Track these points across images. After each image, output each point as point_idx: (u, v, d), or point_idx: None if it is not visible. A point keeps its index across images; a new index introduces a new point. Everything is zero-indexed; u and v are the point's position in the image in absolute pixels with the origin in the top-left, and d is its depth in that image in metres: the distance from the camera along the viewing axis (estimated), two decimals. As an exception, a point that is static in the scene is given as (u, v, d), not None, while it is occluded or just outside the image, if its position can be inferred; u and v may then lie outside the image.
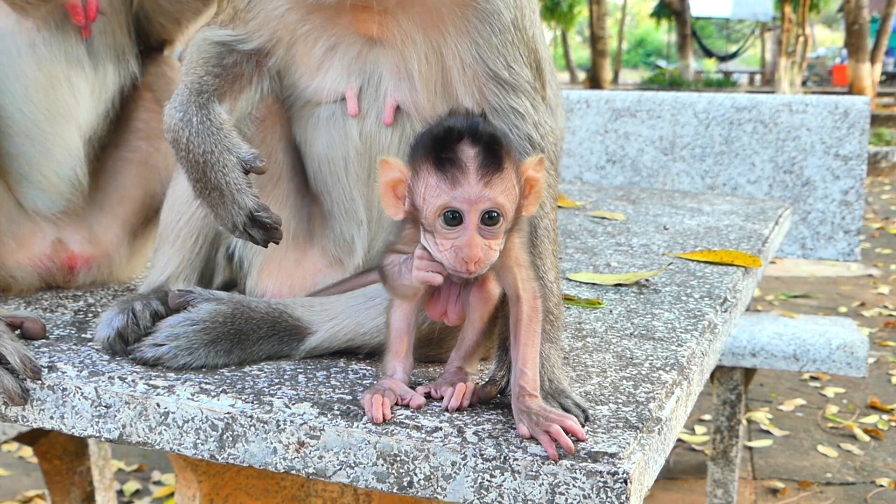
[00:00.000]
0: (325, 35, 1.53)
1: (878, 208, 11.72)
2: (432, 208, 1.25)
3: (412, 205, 1.28)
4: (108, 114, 1.91)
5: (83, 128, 1.86)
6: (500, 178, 1.25)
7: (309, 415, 1.28)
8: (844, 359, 3.46)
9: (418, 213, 1.28)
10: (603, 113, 4.35)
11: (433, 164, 1.25)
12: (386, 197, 1.30)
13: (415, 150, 1.29)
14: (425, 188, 1.26)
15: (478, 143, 1.25)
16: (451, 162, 1.24)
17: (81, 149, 1.86)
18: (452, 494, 1.21)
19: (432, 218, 1.25)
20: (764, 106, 4.17)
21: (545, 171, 1.36)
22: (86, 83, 1.84)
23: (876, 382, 5.50)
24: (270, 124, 1.63)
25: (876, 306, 7.13)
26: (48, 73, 1.80)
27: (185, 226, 1.61)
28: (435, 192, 1.25)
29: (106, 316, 1.50)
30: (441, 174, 1.25)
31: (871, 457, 4.49)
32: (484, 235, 1.25)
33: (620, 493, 1.14)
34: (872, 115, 17.22)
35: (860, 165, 4.02)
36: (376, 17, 1.49)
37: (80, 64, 1.83)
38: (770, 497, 4.09)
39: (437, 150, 1.25)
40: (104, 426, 1.37)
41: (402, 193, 1.29)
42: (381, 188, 1.29)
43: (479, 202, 1.24)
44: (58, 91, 1.81)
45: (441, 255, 1.26)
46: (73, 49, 1.82)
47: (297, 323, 1.48)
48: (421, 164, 1.27)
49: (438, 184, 1.25)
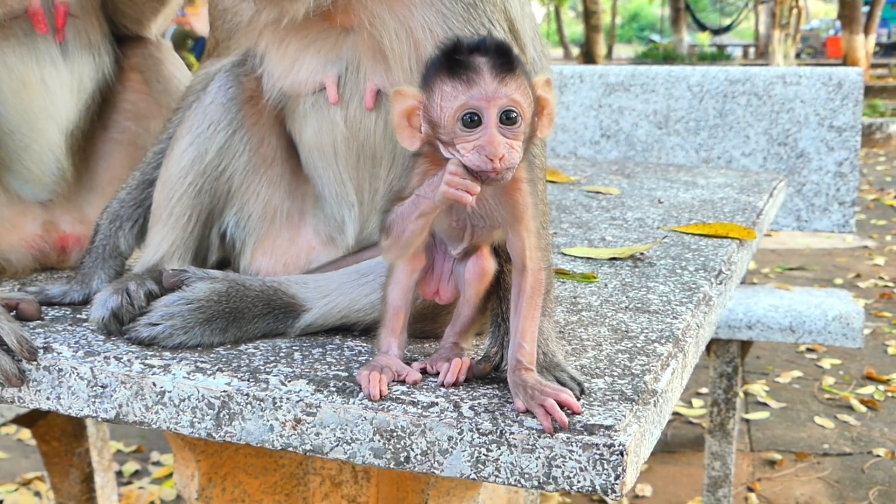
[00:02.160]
0: (298, 36, 1.55)
1: (872, 179, 11.72)
2: (450, 113, 1.23)
3: (429, 126, 1.26)
4: (88, 107, 1.90)
5: (62, 124, 1.86)
6: (513, 77, 1.24)
7: (305, 392, 1.28)
8: (840, 330, 3.47)
9: (437, 130, 1.25)
10: (597, 88, 4.34)
11: (446, 73, 1.24)
12: (401, 128, 1.28)
13: (427, 71, 1.28)
14: (441, 97, 1.24)
15: (488, 51, 1.25)
16: (463, 65, 1.24)
17: (63, 143, 1.86)
18: (449, 469, 1.21)
19: (451, 124, 1.24)
20: (758, 78, 4.16)
21: (532, 144, 1.36)
22: (61, 84, 1.84)
23: (872, 353, 5.52)
24: (263, 108, 1.64)
25: (871, 277, 7.15)
26: (20, 77, 1.79)
27: (178, 204, 1.60)
28: (451, 96, 1.24)
29: (100, 296, 1.50)
30: (455, 78, 1.24)
31: (867, 427, 4.52)
32: (505, 135, 1.23)
33: (617, 465, 1.15)
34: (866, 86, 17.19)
35: (854, 137, 4.01)
36: (343, 6, 1.48)
37: (54, 65, 1.82)
38: (768, 469, 4.11)
39: (449, 59, 1.24)
40: (100, 406, 1.37)
41: (417, 122, 1.27)
42: (395, 119, 1.27)
43: (496, 99, 1.23)
44: (32, 93, 1.81)
45: (466, 158, 1.23)
46: (44, 52, 1.81)
47: (291, 300, 1.48)
48: (434, 78, 1.25)
49: (453, 87, 1.24)
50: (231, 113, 1.62)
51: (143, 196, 1.69)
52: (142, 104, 1.95)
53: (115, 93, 1.95)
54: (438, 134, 1.25)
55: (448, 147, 1.25)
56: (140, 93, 1.95)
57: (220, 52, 1.67)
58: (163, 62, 1.98)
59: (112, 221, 1.69)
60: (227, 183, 1.63)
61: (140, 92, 1.95)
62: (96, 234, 1.70)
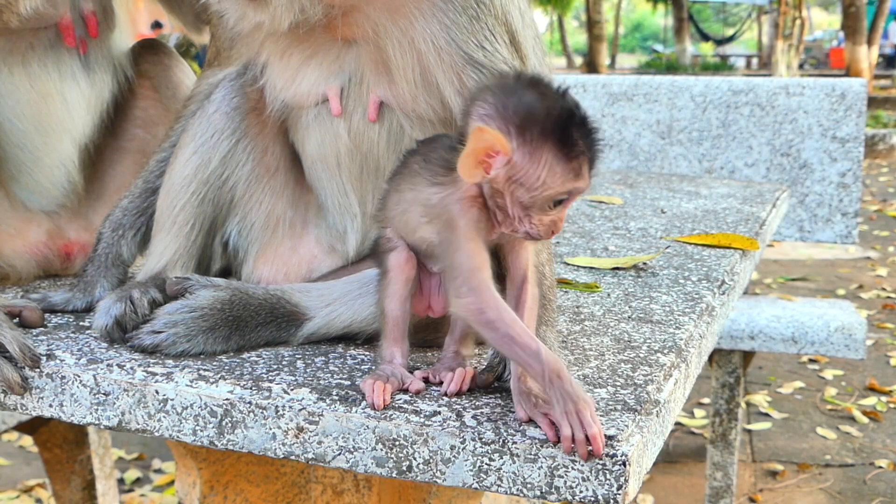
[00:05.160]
0: (300, 48, 1.55)
1: (875, 190, 11.72)
2: (550, 192, 1.24)
3: (511, 182, 1.24)
4: (103, 120, 1.90)
5: (77, 138, 1.86)
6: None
7: (307, 400, 1.28)
8: (842, 341, 3.47)
9: (520, 191, 1.24)
10: (600, 97, 4.34)
11: (559, 152, 1.23)
12: (470, 163, 1.24)
13: (526, 127, 1.23)
14: (548, 173, 1.23)
15: (587, 129, 1.25)
16: (575, 153, 1.23)
17: (76, 157, 1.86)
18: (452, 478, 1.21)
19: (544, 200, 1.24)
20: (761, 89, 4.16)
21: None
22: (81, 96, 1.84)
23: (874, 364, 5.51)
24: (267, 118, 1.64)
25: (874, 288, 7.14)
26: (41, 89, 1.79)
27: (181, 213, 1.61)
28: (560, 180, 1.24)
29: (104, 304, 1.50)
30: (567, 164, 1.23)
31: (869, 438, 4.51)
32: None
33: (619, 475, 1.15)
34: (869, 97, 17.19)
35: (857, 147, 4.01)
36: (345, 17, 1.48)
37: (74, 78, 1.82)
38: (769, 479, 4.10)
39: (560, 137, 1.23)
40: (103, 413, 1.37)
41: (490, 166, 1.24)
42: (469, 152, 1.23)
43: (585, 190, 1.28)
44: (50, 106, 1.81)
45: (532, 227, 1.26)
46: (67, 64, 1.81)
47: (294, 309, 1.48)
48: (542, 149, 1.23)
49: (564, 174, 1.24)
50: (235, 122, 1.62)
51: (145, 204, 1.69)
52: (151, 111, 1.95)
53: (124, 100, 1.95)
54: (518, 195, 1.25)
55: (520, 208, 1.25)
56: (149, 99, 1.96)
57: (221, 62, 1.68)
58: (171, 68, 1.98)
59: (115, 230, 1.70)
60: (231, 192, 1.63)
61: (149, 99, 1.96)
62: (99, 243, 1.70)
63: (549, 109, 1.23)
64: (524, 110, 1.23)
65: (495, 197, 1.26)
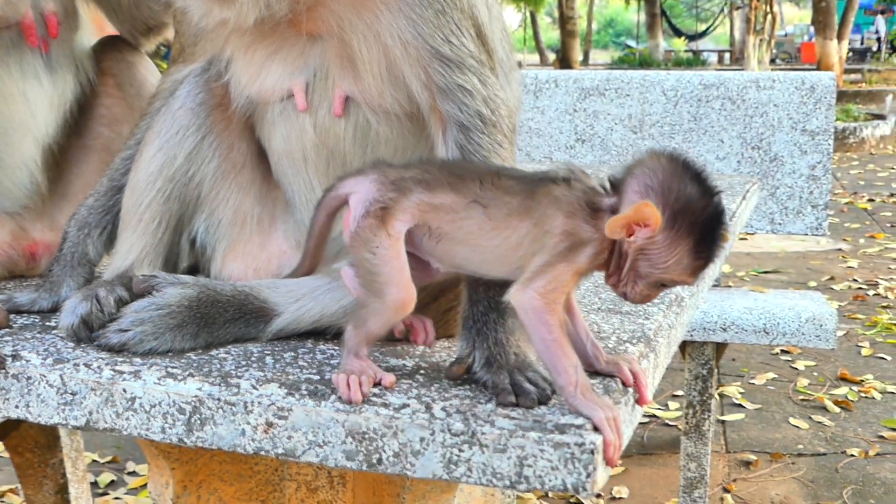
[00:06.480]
0: (265, 43, 1.54)
1: (846, 183, 11.83)
2: (666, 277, 1.29)
3: (643, 252, 1.27)
4: (66, 120, 1.88)
5: (40, 139, 1.84)
6: None
7: (276, 395, 1.28)
8: (814, 331, 3.50)
9: (644, 261, 1.28)
10: (571, 92, 4.35)
11: (693, 249, 1.27)
12: (620, 222, 1.25)
13: (680, 217, 1.26)
14: (675, 262, 1.27)
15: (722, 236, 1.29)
16: (705, 255, 1.28)
17: (38, 157, 1.84)
18: (422, 470, 1.21)
19: (657, 279, 1.29)
20: (731, 83, 4.19)
21: (500, 145, 1.37)
22: (44, 96, 1.82)
23: (846, 355, 5.57)
24: (232, 114, 1.63)
25: (845, 280, 7.21)
26: (2, 89, 1.77)
27: (147, 210, 1.59)
28: (681, 271, 1.28)
29: (70, 303, 1.49)
30: (693, 262, 1.28)
31: (841, 427, 4.55)
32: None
33: (588, 463, 1.15)
34: (840, 91, 17.33)
35: (827, 140, 4.05)
36: (309, 12, 1.47)
37: (37, 78, 1.80)
38: (743, 469, 4.13)
39: (700, 238, 1.27)
40: (70, 413, 1.36)
41: (634, 231, 1.26)
42: (625, 217, 1.25)
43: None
44: (12, 107, 1.79)
45: (631, 290, 1.30)
46: (30, 64, 1.79)
47: (263, 305, 1.48)
48: (682, 238, 1.26)
49: (686, 268, 1.28)
50: (200, 118, 1.61)
51: (111, 202, 1.68)
52: (115, 109, 1.94)
53: (88, 98, 1.93)
54: (640, 265, 1.28)
55: (633, 274, 1.29)
56: (113, 97, 1.94)
57: (185, 58, 1.66)
58: (135, 66, 1.96)
59: (80, 228, 1.68)
60: (197, 188, 1.62)
61: (113, 97, 1.94)
62: (64, 242, 1.69)
63: (703, 209, 1.27)
64: (685, 200, 1.26)
65: (620, 254, 1.29)
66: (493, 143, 1.44)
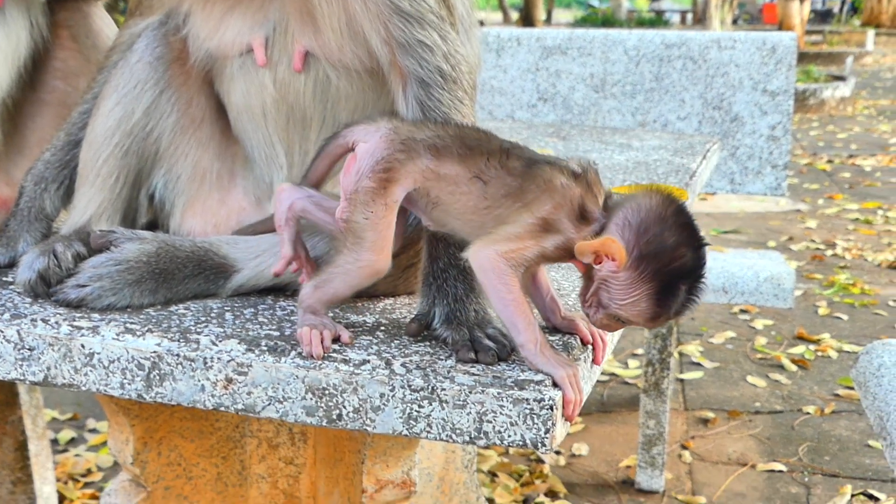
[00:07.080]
0: None
1: (806, 144, 11.93)
2: (622, 315, 1.25)
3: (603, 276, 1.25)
4: (21, 74, 1.84)
5: None
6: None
7: (236, 351, 1.28)
8: (772, 291, 3.54)
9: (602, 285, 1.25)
10: (534, 51, 4.34)
11: (654, 297, 1.23)
12: (587, 249, 1.24)
13: (646, 261, 1.23)
14: (632, 303, 1.24)
15: (695, 292, 1.25)
16: (667, 307, 1.24)
17: None
18: (381, 426, 1.22)
19: (613, 311, 1.26)
20: (693, 42, 4.19)
21: (460, 101, 1.37)
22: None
23: (803, 314, 5.65)
24: (191, 68, 1.61)
25: (803, 240, 7.29)
26: None
27: (105, 165, 1.58)
28: (637, 313, 1.25)
29: (27, 258, 1.47)
30: (652, 309, 1.24)
31: (798, 386, 4.63)
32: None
33: (546, 419, 1.16)
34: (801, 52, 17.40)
35: (787, 101, 4.07)
36: None
37: None
38: (701, 426, 4.20)
39: (663, 288, 1.23)
40: (28, 369, 1.35)
41: (601, 259, 1.25)
42: (593, 246, 1.24)
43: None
44: None
45: (593, 313, 1.28)
46: None
47: (222, 261, 1.47)
48: (644, 282, 1.23)
49: (644, 312, 1.25)
50: (158, 72, 1.59)
51: (68, 157, 1.66)
52: (71, 62, 1.90)
53: (42, 52, 1.89)
54: (601, 294, 1.26)
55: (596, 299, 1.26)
56: (69, 50, 1.90)
57: (143, 11, 1.64)
58: (90, 16, 1.92)
59: (37, 183, 1.66)
60: (155, 143, 1.61)
61: (68, 49, 1.90)
62: (21, 197, 1.67)
63: (675, 259, 1.23)
64: (656, 245, 1.23)
65: (590, 276, 1.28)
66: (454, 100, 1.44)
